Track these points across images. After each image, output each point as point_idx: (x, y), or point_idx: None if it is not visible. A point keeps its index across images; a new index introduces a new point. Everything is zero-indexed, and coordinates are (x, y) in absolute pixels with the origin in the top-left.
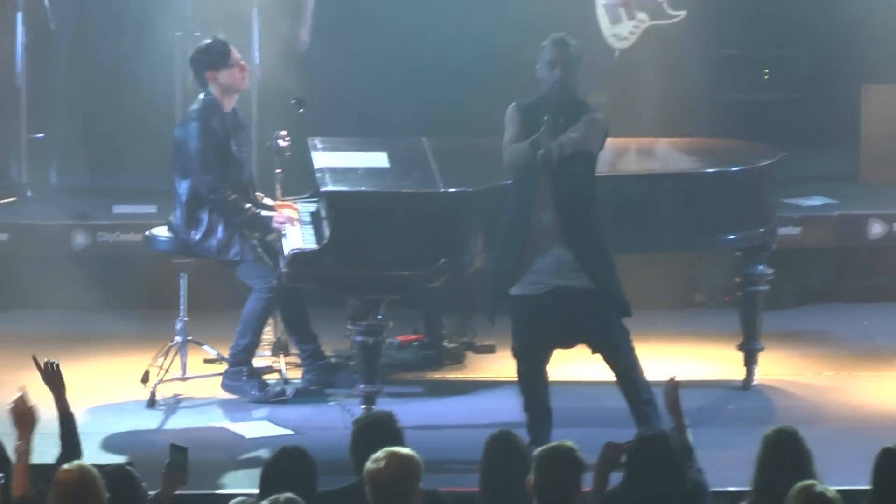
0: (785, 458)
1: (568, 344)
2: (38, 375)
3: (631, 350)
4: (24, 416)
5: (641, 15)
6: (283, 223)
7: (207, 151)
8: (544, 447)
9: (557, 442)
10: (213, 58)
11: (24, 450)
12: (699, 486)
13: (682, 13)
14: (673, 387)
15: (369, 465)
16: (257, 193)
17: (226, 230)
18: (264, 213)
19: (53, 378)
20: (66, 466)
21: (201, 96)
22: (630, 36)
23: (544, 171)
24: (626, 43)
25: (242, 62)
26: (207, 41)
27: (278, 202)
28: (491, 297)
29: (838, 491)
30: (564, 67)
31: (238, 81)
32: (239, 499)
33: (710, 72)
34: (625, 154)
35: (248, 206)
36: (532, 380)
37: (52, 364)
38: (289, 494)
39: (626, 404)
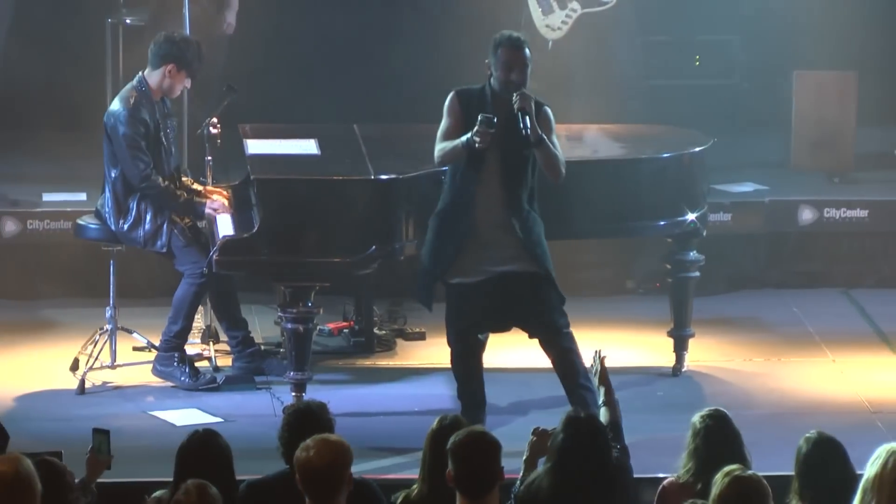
0: (714, 440)
1: (504, 327)
2: None
3: (571, 335)
4: None
5: (573, 4)
6: (216, 210)
7: (136, 139)
8: (457, 436)
9: (468, 428)
10: (186, 57)
11: None
12: (622, 468)
13: (613, 1)
14: (601, 360)
15: (299, 452)
16: (186, 178)
17: (154, 220)
18: (197, 199)
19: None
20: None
21: (132, 83)
22: (563, 26)
23: (491, 168)
24: (559, 33)
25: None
26: (191, 40)
27: (209, 188)
28: (424, 284)
29: (767, 476)
30: (521, 71)
31: (178, 90)
32: (159, 492)
33: (640, 58)
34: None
35: (180, 192)
36: (467, 367)
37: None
38: (198, 480)
39: (564, 390)
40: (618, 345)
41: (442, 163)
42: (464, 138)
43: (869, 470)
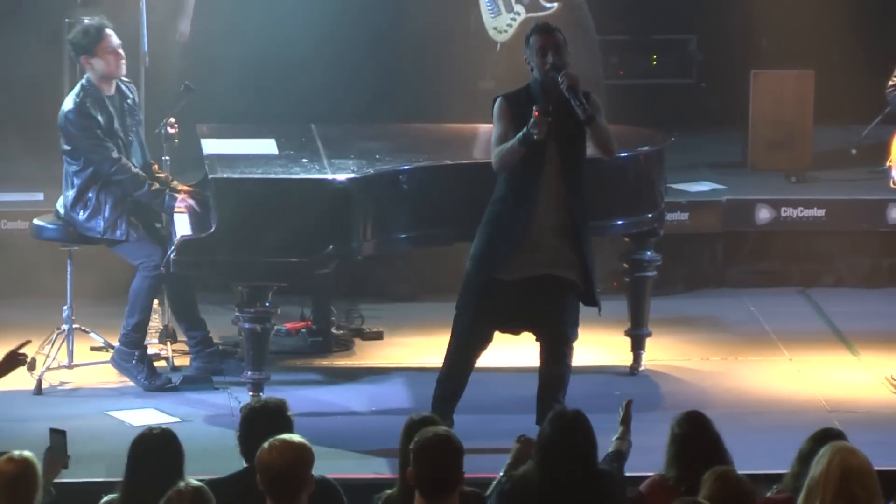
0: (694, 445)
1: (519, 329)
2: None
3: (572, 350)
4: None
5: (518, 7)
6: (187, 207)
7: (93, 131)
8: (420, 436)
9: (433, 429)
10: (87, 43)
11: None
12: (611, 476)
13: (555, 5)
14: (629, 404)
15: (261, 453)
16: (162, 172)
17: (113, 210)
18: (171, 191)
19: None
20: (7, 456)
21: (81, 82)
22: (508, 28)
23: (548, 153)
24: (505, 36)
25: (120, 49)
26: (85, 24)
27: (183, 186)
28: (468, 291)
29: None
30: (556, 52)
31: (112, 69)
32: (108, 497)
33: (599, 58)
34: None
35: (151, 181)
36: (465, 359)
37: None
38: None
39: (537, 398)
40: (575, 344)
41: (502, 167)
42: (519, 135)
43: (814, 469)
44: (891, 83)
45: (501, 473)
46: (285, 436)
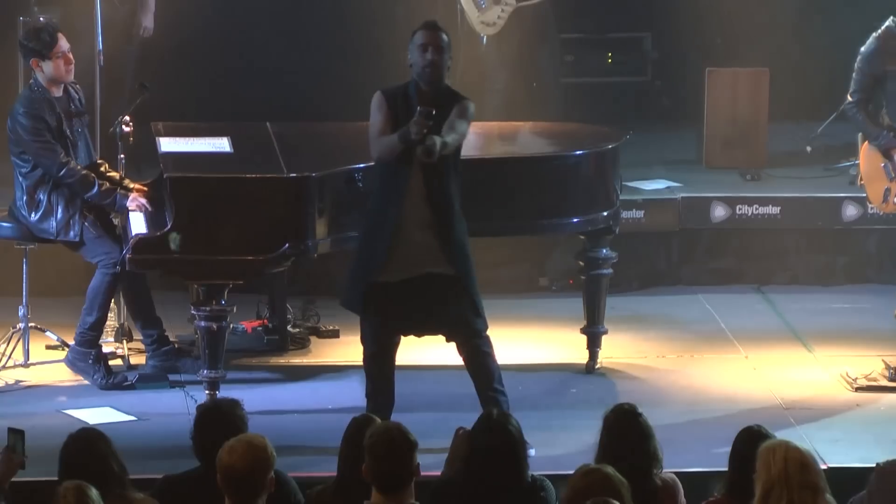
0: (622, 434)
1: (422, 331)
2: None
3: (487, 339)
4: None
5: None
6: (139, 207)
7: (42, 134)
8: (373, 431)
9: (385, 424)
10: (38, 46)
11: None
12: (542, 483)
13: None
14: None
15: (221, 454)
16: (112, 171)
17: (66, 210)
18: (121, 191)
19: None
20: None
21: (30, 82)
22: (498, 21)
23: (419, 163)
24: (494, 29)
25: (69, 54)
26: (37, 26)
27: (137, 185)
28: (355, 287)
29: (680, 473)
30: (437, 51)
31: (62, 74)
32: None
33: (558, 56)
34: (468, 138)
35: (101, 182)
36: (381, 367)
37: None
38: (76, 481)
39: (477, 394)
40: (531, 342)
41: (381, 158)
42: (399, 132)
43: (772, 469)
44: (849, 98)
45: (444, 469)
46: (247, 436)
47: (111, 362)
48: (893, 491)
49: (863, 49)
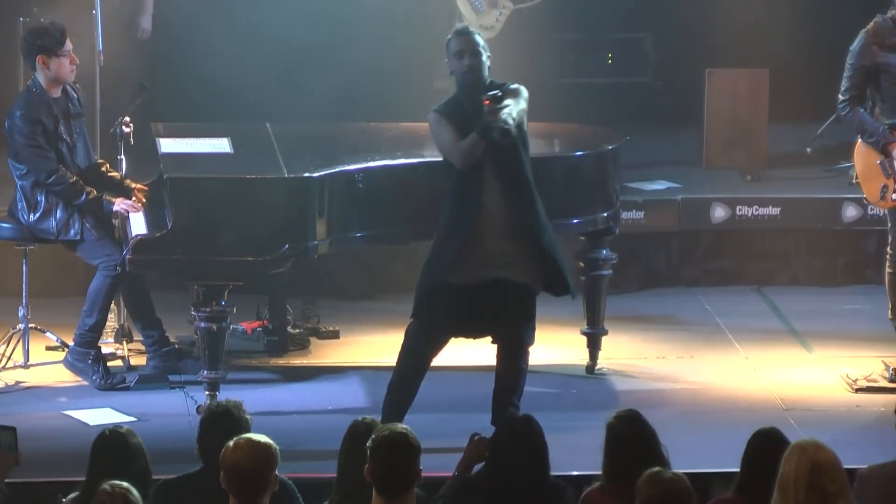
0: (629, 442)
1: (474, 335)
2: None
3: (528, 353)
4: None
5: (504, 1)
6: (124, 210)
7: (36, 138)
8: (378, 433)
9: (390, 426)
10: (47, 43)
11: None
12: (562, 488)
13: None
14: None
15: (226, 452)
16: (113, 172)
17: (64, 210)
18: (106, 198)
19: None
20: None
21: (29, 83)
22: (496, 24)
23: (494, 154)
24: (493, 32)
25: (73, 55)
26: (45, 24)
27: (137, 186)
28: (426, 283)
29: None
30: (473, 55)
31: (66, 73)
32: (73, 495)
33: (555, 56)
34: None
35: (89, 189)
36: (417, 365)
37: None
38: (118, 483)
39: (493, 401)
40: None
41: (466, 162)
42: (477, 128)
43: (784, 467)
44: (841, 97)
45: (455, 472)
46: (251, 435)
47: (111, 363)
48: (874, 496)
49: (852, 46)
